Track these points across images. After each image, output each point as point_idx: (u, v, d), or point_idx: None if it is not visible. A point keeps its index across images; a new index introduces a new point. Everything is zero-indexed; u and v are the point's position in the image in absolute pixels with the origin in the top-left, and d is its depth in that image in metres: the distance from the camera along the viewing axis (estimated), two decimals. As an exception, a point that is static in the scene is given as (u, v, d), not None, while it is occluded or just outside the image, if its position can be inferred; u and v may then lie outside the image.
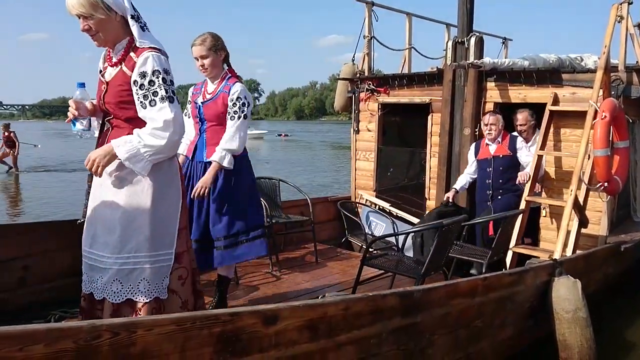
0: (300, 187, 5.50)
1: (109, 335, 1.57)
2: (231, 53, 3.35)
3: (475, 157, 4.80)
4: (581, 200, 4.09)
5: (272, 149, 31.42)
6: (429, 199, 5.53)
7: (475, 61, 4.78)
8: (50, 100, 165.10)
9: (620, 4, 4.22)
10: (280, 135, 43.27)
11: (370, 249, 3.76)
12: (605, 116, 3.84)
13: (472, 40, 4.89)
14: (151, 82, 2.19)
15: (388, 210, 5.72)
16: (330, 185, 14.06)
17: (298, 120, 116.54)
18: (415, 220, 5.47)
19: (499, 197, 4.58)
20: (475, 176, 4.84)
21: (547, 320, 3.13)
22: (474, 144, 4.91)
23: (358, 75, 6.01)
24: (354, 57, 6.11)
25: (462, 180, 4.91)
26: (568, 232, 3.99)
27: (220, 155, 3.20)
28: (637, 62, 4.74)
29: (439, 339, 2.57)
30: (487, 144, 4.72)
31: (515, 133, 4.83)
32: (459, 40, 4.98)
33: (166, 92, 2.20)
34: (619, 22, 4.24)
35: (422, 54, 6.71)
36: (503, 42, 8.43)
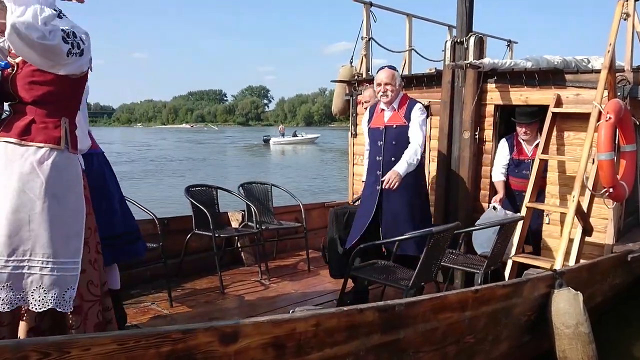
0: (300, 193, 5.34)
1: (37, 356, 1.40)
2: (239, 58, 2.97)
3: (369, 124, 3.80)
4: (585, 206, 3.88)
5: (276, 153, 31.37)
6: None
7: (473, 61, 4.58)
8: None
9: (626, 1, 4.02)
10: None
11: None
12: (609, 118, 3.63)
13: (472, 40, 4.69)
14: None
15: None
16: (338, 190, 13.90)
17: (307, 126, 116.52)
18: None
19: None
20: None
21: (547, 335, 2.92)
22: (368, 109, 3.92)
23: (355, 77, 5.85)
24: (352, 59, 5.97)
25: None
26: (571, 241, 3.77)
27: None
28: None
29: (425, 356, 2.37)
30: (382, 110, 3.69)
31: (419, 106, 3.73)
32: (458, 40, 4.78)
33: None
34: (624, 19, 4.04)
35: (422, 56, 6.54)
36: (508, 45, 8.22)
